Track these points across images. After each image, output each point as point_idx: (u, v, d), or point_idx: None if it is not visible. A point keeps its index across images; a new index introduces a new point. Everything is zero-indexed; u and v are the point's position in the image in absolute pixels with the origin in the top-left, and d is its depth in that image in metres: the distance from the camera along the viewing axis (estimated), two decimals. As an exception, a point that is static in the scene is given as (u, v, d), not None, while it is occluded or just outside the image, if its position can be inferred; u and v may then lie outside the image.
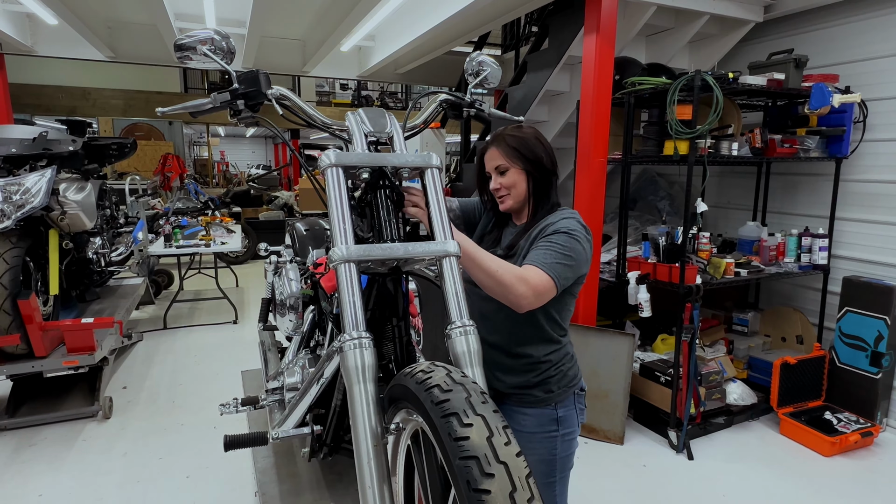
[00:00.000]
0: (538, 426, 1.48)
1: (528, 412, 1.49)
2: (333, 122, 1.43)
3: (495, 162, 1.49)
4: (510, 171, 1.48)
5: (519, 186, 1.48)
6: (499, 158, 1.48)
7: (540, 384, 1.48)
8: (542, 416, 1.48)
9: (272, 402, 1.97)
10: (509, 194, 1.49)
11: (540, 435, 1.48)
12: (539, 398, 1.48)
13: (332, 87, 14.37)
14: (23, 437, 3.00)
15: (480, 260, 1.32)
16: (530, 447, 1.48)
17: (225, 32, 1.35)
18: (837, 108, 3.06)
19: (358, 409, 1.07)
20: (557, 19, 3.80)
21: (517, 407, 1.50)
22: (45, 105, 8.91)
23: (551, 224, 1.42)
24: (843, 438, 2.89)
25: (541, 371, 1.48)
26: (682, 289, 2.86)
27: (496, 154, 1.49)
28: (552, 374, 1.49)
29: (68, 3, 3.86)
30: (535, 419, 1.48)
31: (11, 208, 2.90)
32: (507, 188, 1.48)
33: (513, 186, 1.48)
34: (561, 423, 1.49)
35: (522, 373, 1.48)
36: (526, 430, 1.48)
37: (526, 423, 1.49)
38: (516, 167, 1.47)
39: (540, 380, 1.48)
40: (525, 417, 1.49)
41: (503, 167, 1.48)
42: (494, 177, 1.50)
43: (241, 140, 21.97)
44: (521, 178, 1.48)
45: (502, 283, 1.31)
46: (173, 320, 5.09)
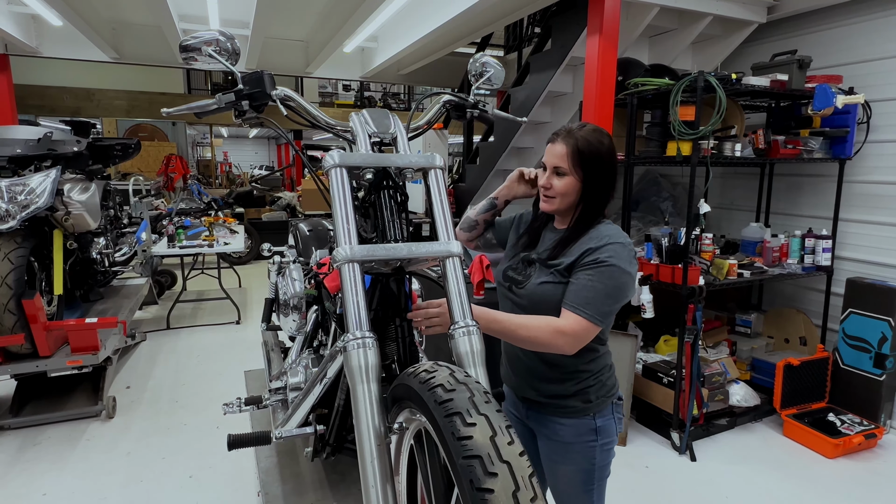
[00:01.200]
0: (576, 436, 1.44)
1: (565, 422, 1.44)
2: (337, 123, 1.44)
3: (556, 161, 1.37)
4: (567, 178, 1.37)
5: (570, 196, 1.38)
6: (562, 159, 1.36)
7: (578, 394, 1.43)
8: (580, 425, 1.44)
9: (275, 402, 1.97)
10: (556, 199, 1.39)
11: (578, 445, 1.44)
12: (577, 408, 1.43)
13: (335, 88, 14.39)
14: (27, 436, 3.01)
15: (512, 331, 1.31)
16: (568, 457, 1.45)
17: (230, 33, 1.36)
18: (841, 109, 3.05)
19: (361, 408, 1.07)
20: (560, 20, 3.80)
21: (554, 417, 1.46)
22: (49, 106, 8.94)
23: (595, 249, 1.32)
24: (847, 440, 2.88)
25: (579, 381, 1.43)
26: (685, 290, 2.85)
27: (561, 153, 1.36)
28: (591, 384, 1.43)
29: (73, 5, 3.88)
30: (573, 429, 1.44)
31: (16, 208, 2.92)
32: (557, 193, 1.38)
33: (563, 194, 1.38)
34: (600, 433, 1.44)
35: (560, 382, 1.43)
36: (563, 440, 1.45)
37: (563, 434, 1.45)
38: (575, 175, 1.36)
39: (578, 389, 1.43)
40: (562, 427, 1.45)
41: (563, 170, 1.37)
42: (549, 174, 1.39)
43: (245, 141, 22.02)
44: (574, 189, 1.37)
45: (539, 342, 1.30)
46: (176, 320, 5.10)
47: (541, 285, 1.38)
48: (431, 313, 1.29)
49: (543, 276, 1.39)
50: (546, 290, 1.37)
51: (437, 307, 1.29)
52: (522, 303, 1.43)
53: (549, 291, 1.37)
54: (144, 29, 5.14)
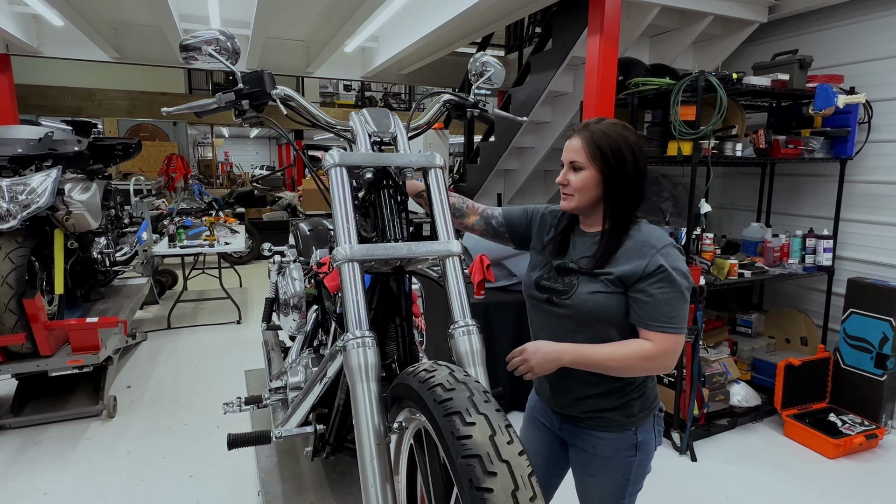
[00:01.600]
0: (614, 451, 1.36)
1: (604, 436, 1.36)
2: (337, 123, 1.44)
3: (572, 155, 1.31)
4: (584, 172, 1.29)
5: (588, 192, 1.30)
6: (577, 153, 1.30)
7: (621, 407, 1.34)
8: (620, 440, 1.35)
9: (275, 402, 1.97)
10: (574, 196, 1.32)
11: (615, 460, 1.36)
12: (619, 422, 1.35)
13: (336, 88, 14.41)
14: (28, 435, 3.02)
15: (601, 364, 1.25)
16: (602, 471, 1.38)
17: (230, 33, 1.36)
18: (842, 109, 3.05)
19: (361, 408, 1.07)
20: (561, 20, 3.80)
21: (593, 431, 1.37)
22: (50, 106, 8.96)
23: (655, 258, 1.24)
24: (848, 441, 2.88)
25: (624, 394, 1.34)
26: (686, 290, 2.85)
27: (577, 146, 1.30)
28: (635, 397, 1.35)
29: (74, 5, 3.88)
30: (612, 444, 1.36)
31: (17, 208, 2.92)
32: (574, 189, 1.31)
33: (581, 190, 1.30)
34: (640, 448, 1.36)
35: (604, 397, 1.34)
36: (601, 454, 1.37)
37: (601, 448, 1.37)
38: (592, 169, 1.29)
39: (622, 403, 1.34)
40: (601, 442, 1.37)
41: (578, 164, 1.30)
42: (566, 170, 1.33)
43: (246, 141, 22.03)
44: (593, 184, 1.29)
45: (632, 370, 1.26)
46: (177, 320, 5.10)
47: (592, 295, 1.28)
48: (516, 363, 1.27)
49: (593, 286, 1.28)
50: (599, 300, 1.27)
51: (519, 354, 1.27)
52: (568, 313, 1.32)
53: (603, 301, 1.27)
54: (145, 29, 5.15)
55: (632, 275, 1.24)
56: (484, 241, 1.70)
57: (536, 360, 1.25)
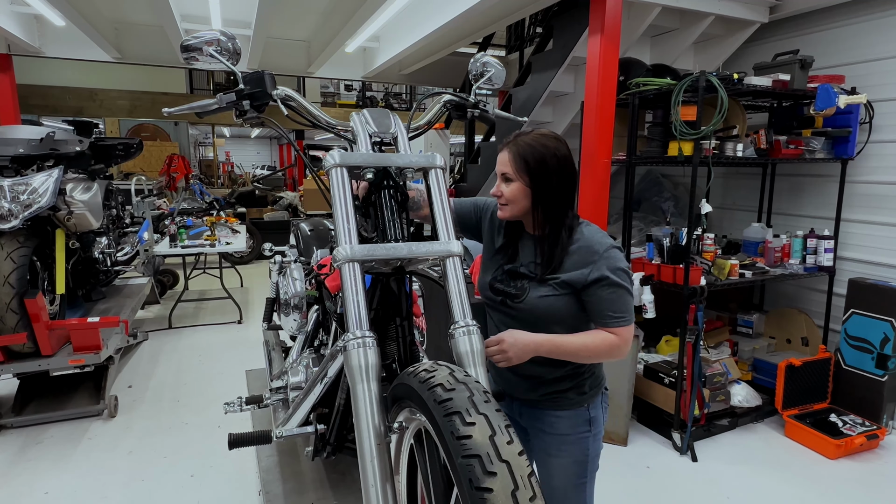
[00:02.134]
0: (571, 427, 1.47)
1: (561, 414, 1.47)
2: (338, 123, 1.44)
3: (502, 168, 1.39)
4: (514, 184, 1.37)
5: (519, 202, 1.38)
6: (506, 165, 1.38)
7: (574, 387, 1.46)
8: (575, 417, 1.47)
9: (276, 401, 1.97)
10: (507, 206, 1.40)
11: (573, 436, 1.47)
12: (573, 400, 1.47)
13: (337, 88, 14.42)
14: (29, 435, 3.02)
15: (575, 353, 1.35)
16: (564, 448, 1.48)
17: (231, 33, 1.36)
18: (843, 109, 3.04)
19: (361, 407, 1.07)
20: (562, 20, 3.80)
21: (551, 410, 1.48)
22: (51, 106, 8.97)
23: (600, 262, 1.33)
24: (849, 441, 2.88)
25: (576, 375, 1.46)
26: (687, 290, 2.85)
27: (504, 159, 1.39)
28: (586, 377, 1.48)
29: (76, 5, 3.89)
30: (569, 421, 1.47)
31: (19, 208, 2.93)
32: (507, 199, 1.39)
33: (513, 200, 1.38)
34: (592, 423, 1.49)
35: (560, 380, 1.46)
36: (559, 431, 1.47)
37: (559, 426, 1.47)
38: (520, 182, 1.36)
39: (575, 383, 1.46)
40: (558, 420, 1.47)
41: (508, 176, 1.38)
42: (499, 181, 1.41)
43: (247, 141, 22.04)
44: (522, 195, 1.37)
45: (600, 357, 1.38)
46: (178, 320, 5.11)
47: (542, 298, 1.37)
48: (492, 352, 1.32)
49: (543, 290, 1.38)
50: (549, 303, 1.37)
51: (496, 344, 1.32)
52: (521, 316, 1.42)
53: (552, 304, 1.37)
54: (147, 29, 5.15)
55: (578, 281, 1.35)
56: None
57: (514, 350, 1.32)
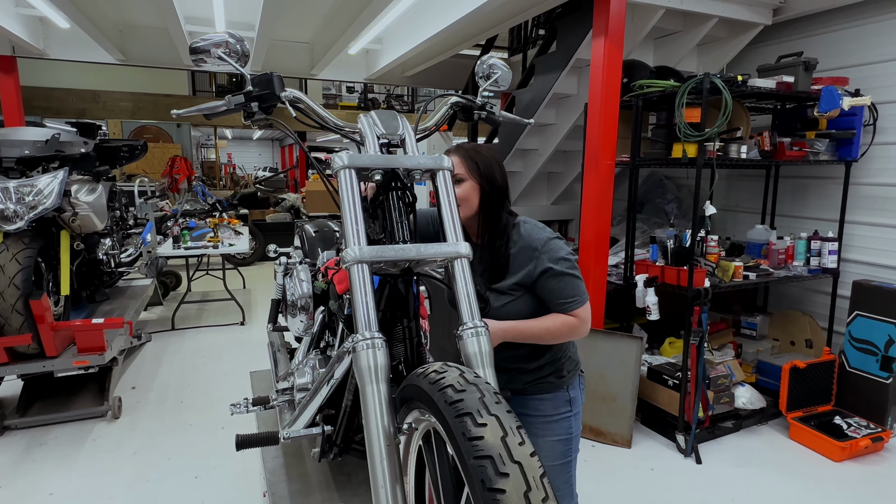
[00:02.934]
0: (554, 409, 1.58)
1: (544, 397, 1.58)
2: (345, 124, 1.44)
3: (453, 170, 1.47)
4: (465, 183, 1.48)
5: (471, 200, 1.48)
6: (458, 166, 1.48)
7: (554, 372, 1.58)
8: (556, 399, 1.59)
9: (282, 403, 1.98)
10: (459, 206, 1.44)
11: (556, 416, 1.59)
12: (554, 384, 1.58)
13: (339, 90, 14.44)
14: (34, 436, 3.03)
15: (540, 337, 1.47)
16: (550, 429, 1.58)
17: (239, 36, 1.37)
18: (847, 111, 3.05)
19: (371, 409, 1.08)
20: (565, 22, 3.80)
21: (535, 395, 1.58)
22: (55, 108, 9.00)
23: (543, 258, 1.45)
24: (854, 443, 2.87)
25: (553, 359, 1.57)
26: (691, 292, 2.85)
27: (455, 162, 1.48)
28: (563, 361, 1.59)
29: (81, 7, 3.90)
30: (552, 403, 1.58)
31: (24, 209, 2.94)
32: (459, 200, 1.46)
33: (465, 199, 1.47)
34: (573, 404, 1.61)
35: (540, 367, 1.57)
36: (544, 413, 1.58)
37: (543, 409, 1.58)
38: (472, 180, 1.48)
39: (554, 369, 1.58)
40: (542, 403, 1.58)
41: (459, 176, 1.48)
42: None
43: (249, 142, 22.08)
44: (474, 193, 1.48)
45: (563, 338, 1.49)
46: (181, 321, 5.12)
47: (504, 306, 1.49)
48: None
49: (502, 299, 1.49)
50: (511, 309, 1.49)
51: None
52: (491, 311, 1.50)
53: (514, 308, 1.49)
54: (151, 31, 5.17)
55: (527, 279, 1.47)
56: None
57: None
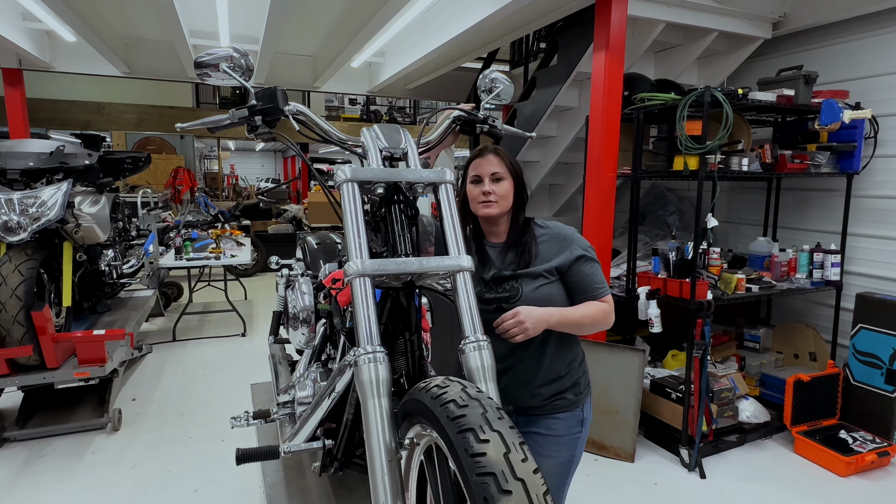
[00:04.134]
0: (567, 429, 1.55)
1: (560, 416, 1.55)
2: (348, 138, 1.45)
3: (493, 168, 1.53)
4: (505, 182, 1.53)
5: (509, 198, 1.54)
6: (498, 166, 1.53)
7: (572, 387, 1.56)
8: (571, 418, 1.55)
9: (283, 416, 1.96)
10: (497, 203, 1.52)
11: (567, 437, 1.55)
12: (571, 401, 1.55)
13: (341, 102, 14.52)
14: (33, 448, 3.01)
15: (578, 322, 1.48)
16: (557, 450, 1.54)
17: (244, 50, 1.38)
18: (848, 124, 3.06)
19: (372, 423, 1.07)
20: (566, 36, 3.84)
21: (550, 414, 1.55)
22: (60, 119, 9.06)
23: (572, 245, 1.53)
24: (860, 458, 2.84)
25: (571, 371, 1.56)
26: (693, 304, 2.84)
27: (496, 161, 1.54)
28: (580, 374, 1.58)
29: (87, 21, 3.95)
30: (566, 422, 1.55)
31: (27, 221, 2.95)
32: (499, 196, 1.52)
33: (505, 196, 1.53)
34: (584, 424, 1.58)
35: (559, 379, 1.55)
36: (556, 433, 1.54)
37: (556, 428, 1.55)
38: (509, 180, 1.54)
39: (573, 383, 1.56)
40: (556, 422, 1.55)
41: (500, 175, 1.53)
42: (487, 183, 1.53)
43: (251, 154, 22.19)
44: (511, 191, 1.55)
45: (598, 325, 1.52)
46: (182, 332, 5.11)
47: (538, 289, 1.50)
48: (509, 325, 1.40)
49: (535, 282, 1.51)
50: (545, 292, 1.50)
51: (512, 318, 1.40)
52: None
53: (548, 291, 1.51)
54: (156, 44, 5.22)
55: (563, 264, 1.52)
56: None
57: (531, 322, 1.40)
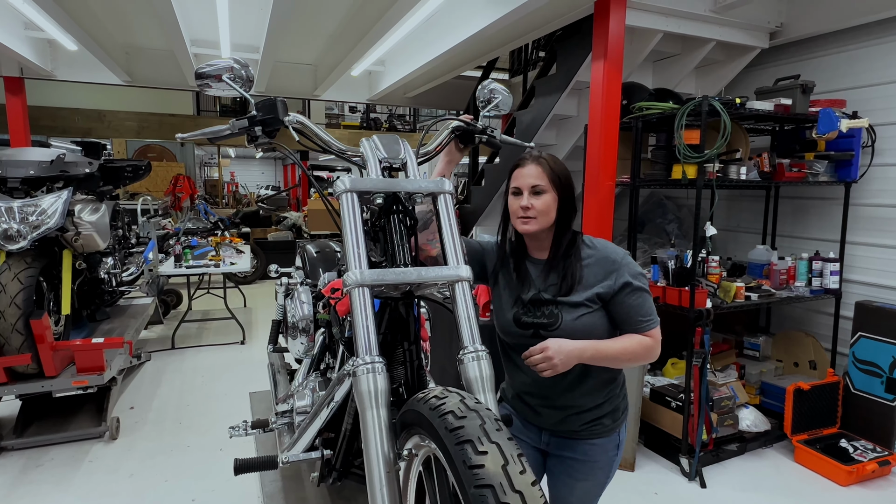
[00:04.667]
0: (603, 453, 1.48)
1: (596, 442, 1.47)
2: (348, 148, 1.46)
3: (533, 181, 1.40)
4: (546, 195, 1.40)
5: (550, 213, 1.41)
6: (539, 178, 1.40)
7: (611, 412, 1.48)
8: (608, 443, 1.48)
9: (282, 425, 1.96)
10: (536, 218, 1.40)
11: (602, 462, 1.48)
12: (608, 426, 1.47)
13: (341, 110, 14.58)
14: (30, 457, 3.00)
15: (616, 358, 1.37)
16: (593, 475, 1.48)
17: (244, 61, 1.39)
18: (845, 133, 3.07)
19: (371, 434, 1.07)
20: (565, 45, 3.85)
21: (586, 439, 1.47)
22: (60, 127, 9.08)
23: (620, 271, 1.39)
24: (861, 467, 2.83)
25: (613, 396, 1.48)
26: (693, 313, 2.84)
27: (537, 172, 1.41)
28: (619, 399, 1.50)
29: (89, 30, 3.97)
30: (602, 447, 1.48)
31: (27, 229, 2.95)
32: (539, 212, 1.40)
33: (545, 212, 1.40)
34: (620, 446, 1.51)
35: (598, 406, 1.47)
36: (591, 458, 1.47)
37: (592, 454, 1.47)
38: (552, 192, 1.41)
39: (612, 408, 1.48)
40: (592, 448, 1.47)
41: (541, 188, 1.40)
42: (527, 196, 1.41)
43: (251, 161, 22.24)
44: (553, 205, 1.41)
45: (639, 360, 1.41)
46: (181, 340, 5.10)
47: (579, 319, 1.39)
48: (537, 360, 1.31)
49: (577, 311, 1.39)
50: (586, 322, 1.39)
51: (540, 352, 1.31)
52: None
53: (590, 322, 1.39)
54: (157, 53, 5.25)
55: (607, 292, 1.39)
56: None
57: (560, 357, 1.31)
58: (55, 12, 3.41)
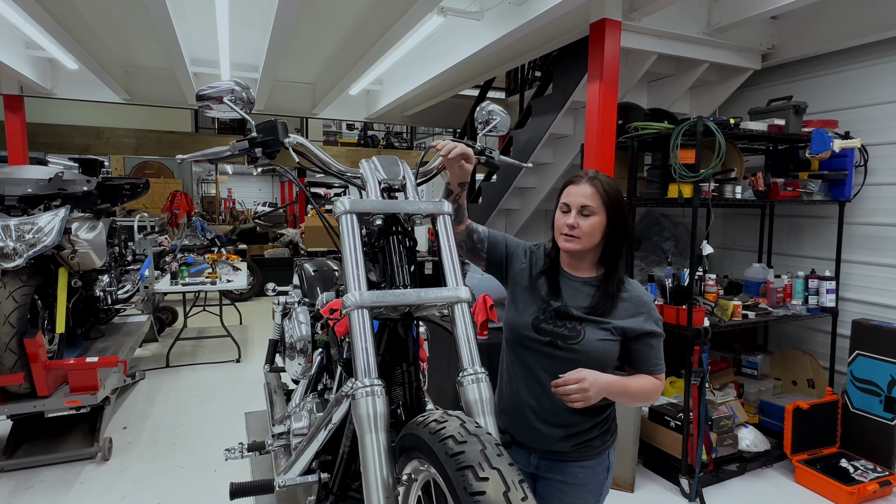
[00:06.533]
0: (593, 476, 1.47)
1: (586, 464, 1.46)
2: (347, 169, 1.47)
3: (584, 200, 1.38)
4: (594, 218, 1.38)
5: (594, 236, 1.39)
6: (590, 199, 1.38)
7: (602, 434, 1.48)
8: (598, 465, 1.48)
9: (278, 447, 1.93)
10: (580, 238, 1.39)
11: (593, 484, 1.47)
12: (599, 448, 1.47)
13: (339, 128, 14.69)
14: (20, 479, 2.94)
15: (634, 396, 1.40)
16: (581, 497, 1.47)
17: (245, 83, 1.40)
18: (838, 153, 3.11)
19: (370, 458, 1.06)
20: (561, 66, 3.91)
21: (576, 461, 1.46)
22: (59, 143, 9.10)
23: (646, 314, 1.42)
24: (861, 488, 2.81)
25: (603, 419, 1.48)
26: (691, 331, 2.84)
27: (589, 193, 1.38)
28: (609, 422, 1.50)
29: (89, 49, 4.01)
30: (592, 470, 1.47)
31: (24, 247, 2.93)
32: (583, 233, 1.38)
33: (590, 234, 1.38)
34: (609, 468, 1.50)
35: (591, 429, 1.46)
36: (581, 482, 1.46)
37: (582, 476, 1.46)
38: (601, 215, 1.38)
39: (604, 429, 1.48)
40: (582, 471, 1.46)
41: (591, 210, 1.38)
42: (574, 214, 1.39)
43: (248, 177, 22.26)
44: (599, 228, 1.39)
45: (649, 400, 1.44)
46: (176, 358, 5.05)
47: (601, 342, 1.39)
48: (571, 390, 1.30)
49: (601, 333, 1.39)
50: (607, 348, 1.40)
51: (575, 383, 1.30)
52: (573, 357, 1.39)
53: (609, 349, 1.40)
54: (157, 72, 5.30)
55: (633, 330, 1.41)
56: (486, 281, 1.72)
57: (595, 391, 1.31)
58: (57, 32, 3.44)
